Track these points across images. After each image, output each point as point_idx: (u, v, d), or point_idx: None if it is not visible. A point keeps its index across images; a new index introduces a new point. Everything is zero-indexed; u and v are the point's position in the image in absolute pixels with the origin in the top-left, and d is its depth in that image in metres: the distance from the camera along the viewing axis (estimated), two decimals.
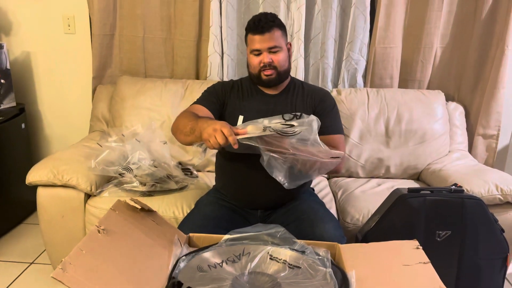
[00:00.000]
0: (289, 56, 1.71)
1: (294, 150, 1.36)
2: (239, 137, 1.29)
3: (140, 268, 1.03)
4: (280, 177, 1.40)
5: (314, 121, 1.43)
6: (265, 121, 1.47)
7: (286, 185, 1.41)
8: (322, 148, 1.40)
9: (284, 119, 1.48)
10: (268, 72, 1.64)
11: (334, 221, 1.58)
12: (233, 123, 1.63)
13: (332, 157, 1.44)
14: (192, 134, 1.41)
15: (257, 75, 1.67)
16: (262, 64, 1.63)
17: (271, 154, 1.36)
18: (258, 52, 1.63)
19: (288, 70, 1.71)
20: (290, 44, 1.73)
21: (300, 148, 1.37)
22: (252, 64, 1.67)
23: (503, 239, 1.69)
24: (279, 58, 1.64)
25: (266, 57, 1.62)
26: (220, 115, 1.70)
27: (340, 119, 1.77)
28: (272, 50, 1.62)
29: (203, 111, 1.63)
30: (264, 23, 1.60)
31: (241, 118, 1.65)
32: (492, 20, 2.35)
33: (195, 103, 1.70)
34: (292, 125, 1.40)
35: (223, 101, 1.71)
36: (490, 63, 2.39)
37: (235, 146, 1.26)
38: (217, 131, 1.27)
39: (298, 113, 1.50)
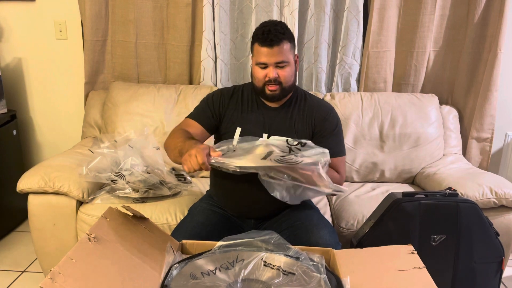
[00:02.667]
0: (296, 69, 1.64)
1: (295, 180, 1.35)
2: (240, 164, 1.31)
3: (132, 277, 1.01)
4: (280, 196, 1.39)
5: (323, 154, 1.39)
6: (264, 140, 1.45)
7: (288, 202, 1.41)
8: (326, 181, 1.38)
9: (288, 143, 1.45)
10: (273, 88, 1.57)
11: (329, 227, 1.57)
12: (231, 134, 1.60)
13: (334, 190, 1.43)
14: (180, 156, 1.41)
15: (261, 88, 1.60)
16: (267, 79, 1.56)
17: (271, 180, 1.35)
18: (264, 66, 1.56)
19: (293, 85, 1.64)
20: (297, 56, 1.66)
21: (302, 179, 1.36)
22: (256, 77, 1.59)
23: (498, 243, 1.69)
24: (285, 74, 1.56)
25: (272, 72, 1.54)
26: (216, 128, 1.68)
27: (343, 137, 1.73)
28: (279, 64, 1.54)
29: (196, 127, 1.62)
30: (273, 36, 1.50)
31: (238, 130, 1.59)
32: (484, 23, 2.36)
33: (190, 116, 1.67)
34: (296, 152, 1.38)
35: (220, 113, 1.67)
36: (483, 66, 2.39)
37: (207, 169, 1.31)
38: (191, 156, 1.31)
39: (304, 141, 1.46)
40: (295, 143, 1.46)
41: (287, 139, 1.47)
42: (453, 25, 2.43)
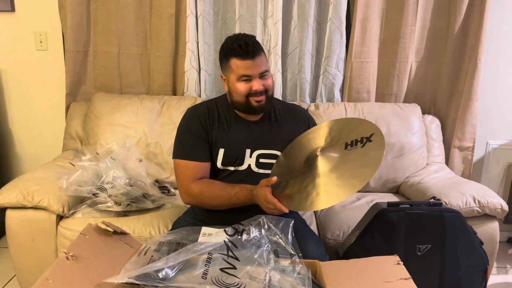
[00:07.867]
0: None
1: None
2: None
3: None
4: None
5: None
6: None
7: None
8: None
9: (227, 234, 1.25)
10: (260, 98, 1.53)
11: (315, 239, 1.55)
12: (215, 156, 1.58)
13: None
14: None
15: (245, 102, 1.54)
16: (252, 91, 1.51)
17: None
18: (248, 78, 1.51)
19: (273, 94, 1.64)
20: None
21: None
22: (239, 91, 1.53)
23: (482, 252, 1.70)
24: (269, 83, 1.55)
25: (258, 84, 1.51)
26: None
27: None
28: (262, 74, 1.52)
29: (205, 169, 1.58)
30: (253, 47, 1.48)
31: (221, 151, 1.57)
32: (464, 34, 2.40)
33: (190, 157, 1.56)
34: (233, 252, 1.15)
35: (208, 137, 1.60)
36: (464, 77, 2.43)
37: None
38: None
39: (241, 226, 1.26)
40: (232, 232, 1.25)
41: (224, 229, 1.27)
42: (434, 36, 2.47)
